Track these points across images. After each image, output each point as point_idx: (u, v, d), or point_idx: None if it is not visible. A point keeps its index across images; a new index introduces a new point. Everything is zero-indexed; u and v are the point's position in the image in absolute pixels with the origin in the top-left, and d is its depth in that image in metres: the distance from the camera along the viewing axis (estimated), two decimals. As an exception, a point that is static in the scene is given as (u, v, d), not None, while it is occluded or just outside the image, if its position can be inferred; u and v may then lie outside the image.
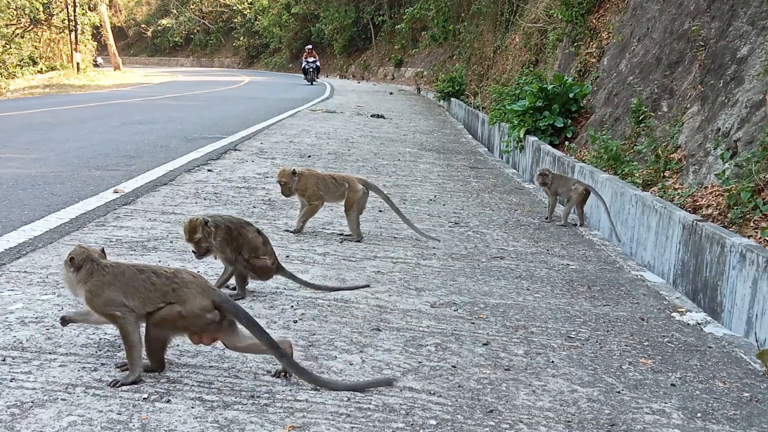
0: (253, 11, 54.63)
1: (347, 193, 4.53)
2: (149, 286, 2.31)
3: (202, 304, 2.30)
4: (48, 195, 5.33)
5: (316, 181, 4.52)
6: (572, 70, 10.17)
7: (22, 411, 2.07)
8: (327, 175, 4.64)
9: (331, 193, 4.55)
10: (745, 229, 4.11)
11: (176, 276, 2.35)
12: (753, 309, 3.22)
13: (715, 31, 6.05)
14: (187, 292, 2.31)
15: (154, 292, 2.31)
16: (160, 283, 2.32)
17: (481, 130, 12.47)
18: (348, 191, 4.52)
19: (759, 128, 4.67)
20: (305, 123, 12.60)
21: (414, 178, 7.28)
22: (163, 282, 2.32)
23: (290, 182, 4.44)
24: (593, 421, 2.26)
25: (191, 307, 2.29)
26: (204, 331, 2.34)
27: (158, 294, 2.31)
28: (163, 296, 2.31)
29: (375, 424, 2.13)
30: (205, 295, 2.32)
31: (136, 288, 2.31)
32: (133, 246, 3.97)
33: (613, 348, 2.93)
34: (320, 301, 3.26)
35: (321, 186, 4.52)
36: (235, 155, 8.04)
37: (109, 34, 42.42)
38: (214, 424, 2.06)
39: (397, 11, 35.38)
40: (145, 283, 2.31)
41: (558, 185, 5.54)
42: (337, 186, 4.54)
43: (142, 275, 2.33)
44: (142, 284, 2.31)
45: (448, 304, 3.35)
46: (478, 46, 19.22)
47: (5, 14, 29.49)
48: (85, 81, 28.52)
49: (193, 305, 2.29)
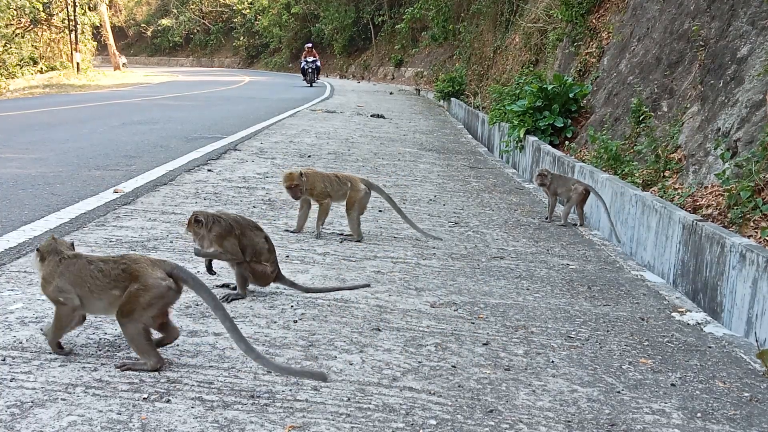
0: (253, 11, 54.62)
1: (349, 193, 4.51)
2: (97, 274, 2.39)
3: (157, 274, 2.38)
4: (48, 195, 5.33)
5: (323, 179, 4.50)
6: (572, 70, 10.17)
7: (22, 411, 2.07)
8: (331, 173, 4.63)
9: (335, 192, 4.53)
10: (745, 229, 4.11)
11: (123, 258, 2.44)
12: (753, 309, 3.22)
13: (715, 31, 6.05)
14: (137, 268, 2.39)
15: (103, 278, 2.38)
16: (108, 269, 2.40)
17: (481, 130, 12.47)
18: (350, 190, 4.51)
19: (759, 128, 4.67)
20: (305, 123, 12.60)
21: (414, 178, 7.28)
22: (111, 267, 2.40)
23: (300, 184, 4.40)
24: (593, 421, 2.26)
25: (147, 279, 2.37)
26: (167, 302, 2.42)
27: (108, 280, 2.38)
28: (114, 280, 2.38)
29: (375, 424, 2.13)
30: (155, 266, 2.41)
31: (83, 278, 2.39)
32: (133, 246, 3.97)
33: (613, 348, 2.93)
34: (320, 301, 3.26)
35: (327, 184, 4.50)
36: (235, 155, 8.04)
37: (109, 34, 42.43)
38: (214, 424, 2.06)
39: (397, 11, 35.38)
40: (92, 273, 2.39)
41: (557, 185, 5.55)
42: (341, 185, 4.53)
43: (91, 265, 2.41)
44: (89, 273, 2.39)
45: (448, 304, 3.35)
46: (478, 46, 19.22)
47: (5, 14, 29.46)
48: (85, 81, 28.53)
49: (148, 278, 2.37)
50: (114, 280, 2.38)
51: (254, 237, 3.24)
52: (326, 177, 4.54)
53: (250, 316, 2.99)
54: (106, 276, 2.38)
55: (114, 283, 2.37)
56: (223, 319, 2.39)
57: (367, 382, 2.42)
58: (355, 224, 4.50)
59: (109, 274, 2.38)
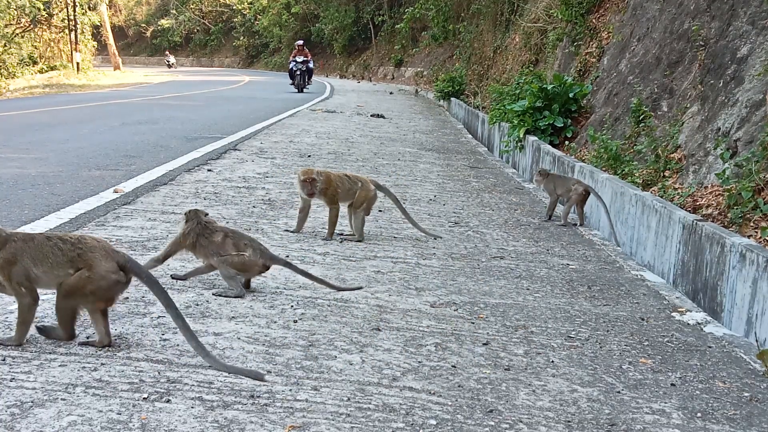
0: (253, 11, 54.64)
1: (359, 192, 4.49)
2: (57, 252, 2.44)
3: (108, 266, 2.45)
4: (48, 195, 5.33)
5: (335, 180, 4.48)
6: (572, 69, 10.17)
7: (22, 411, 2.07)
8: (341, 173, 4.62)
9: (345, 192, 4.51)
10: (745, 229, 4.12)
11: (80, 241, 2.48)
12: (753, 309, 3.22)
13: (715, 31, 6.05)
14: (92, 257, 2.44)
15: (62, 257, 2.44)
16: (66, 249, 2.45)
17: (481, 129, 12.47)
18: (361, 190, 4.49)
19: (759, 128, 4.67)
20: (305, 123, 12.60)
21: (414, 177, 7.28)
22: (69, 248, 2.45)
23: (317, 180, 4.37)
24: (593, 421, 2.26)
25: (98, 270, 2.42)
26: (112, 294, 2.48)
27: (65, 259, 2.44)
28: (70, 262, 2.43)
29: (375, 424, 2.13)
30: (109, 257, 2.47)
31: (45, 254, 2.44)
32: (133, 246, 3.97)
33: (613, 348, 2.93)
34: (320, 300, 3.26)
35: (339, 184, 4.48)
36: (235, 155, 8.04)
37: (109, 34, 42.44)
38: (214, 424, 2.06)
39: (397, 11, 35.39)
40: (53, 249, 2.45)
41: (557, 185, 5.57)
42: (351, 184, 4.51)
43: (50, 242, 2.46)
44: (50, 251, 2.44)
45: (448, 303, 3.35)
46: (478, 45, 19.22)
47: (5, 14, 29.47)
48: (85, 81, 28.53)
49: (99, 268, 2.42)
50: (70, 260, 2.45)
51: (214, 238, 3.27)
52: (338, 177, 4.52)
53: (250, 315, 2.99)
54: (64, 255, 2.45)
55: (70, 264, 2.45)
56: (174, 317, 2.45)
57: (367, 382, 2.42)
58: (360, 224, 4.50)
59: (67, 254, 2.45)
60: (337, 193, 4.46)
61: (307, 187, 4.38)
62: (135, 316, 2.89)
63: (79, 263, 2.44)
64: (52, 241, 2.47)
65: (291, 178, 6.70)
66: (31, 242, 2.46)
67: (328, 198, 4.46)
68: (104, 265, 2.44)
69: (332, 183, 4.44)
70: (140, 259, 3.69)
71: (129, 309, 2.97)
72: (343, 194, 4.51)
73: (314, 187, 4.38)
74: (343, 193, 4.50)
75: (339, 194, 4.46)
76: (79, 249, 2.45)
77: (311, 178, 4.36)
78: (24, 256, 2.44)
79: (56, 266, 2.44)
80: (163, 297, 2.46)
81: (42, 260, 2.44)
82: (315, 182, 4.36)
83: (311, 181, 4.36)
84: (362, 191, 4.49)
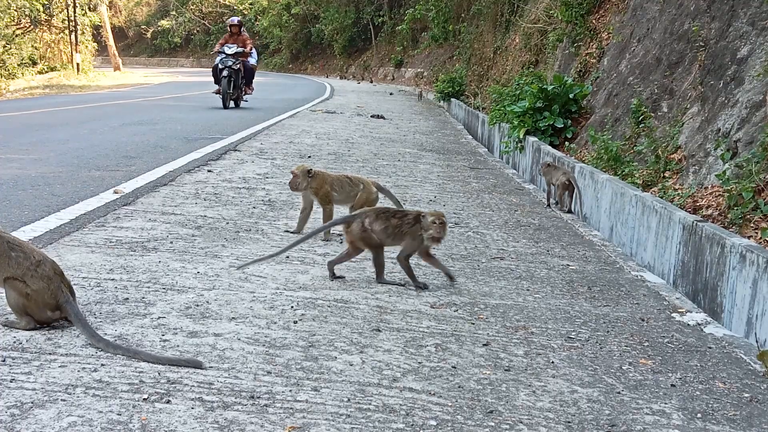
0: (253, 12, 54.64)
1: (361, 194, 4.52)
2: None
3: (48, 302, 2.65)
4: (48, 195, 5.33)
5: (332, 182, 4.50)
6: (572, 70, 10.17)
7: (22, 411, 2.06)
8: (341, 175, 4.65)
9: (345, 194, 4.53)
10: (745, 230, 4.11)
11: (39, 266, 2.66)
12: (753, 309, 3.22)
13: (715, 32, 6.05)
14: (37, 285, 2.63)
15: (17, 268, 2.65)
16: (26, 266, 2.65)
17: (481, 130, 12.47)
18: (362, 192, 4.52)
19: (759, 128, 4.67)
20: (305, 123, 12.61)
21: (414, 178, 7.28)
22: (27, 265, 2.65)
23: (302, 179, 4.41)
24: (593, 422, 2.26)
25: (36, 300, 2.63)
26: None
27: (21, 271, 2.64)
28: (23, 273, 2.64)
29: (375, 425, 2.13)
30: (53, 296, 2.64)
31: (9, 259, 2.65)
32: (133, 246, 3.97)
33: (613, 348, 2.93)
34: (320, 301, 3.26)
35: (336, 186, 4.50)
36: (235, 156, 8.04)
37: (109, 35, 42.43)
38: (214, 424, 2.06)
39: (397, 12, 35.40)
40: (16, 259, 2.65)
41: (552, 176, 6.31)
42: (352, 186, 4.55)
43: (13, 252, 2.66)
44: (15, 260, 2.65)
45: (448, 304, 3.35)
46: (478, 46, 19.22)
47: (5, 15, 29.48)
48: (85, 81, 28.54)
49: (39, 299, 2.63)
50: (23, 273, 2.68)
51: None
52: (336, 179, 4.54)
53: (250, 316, 2.99)
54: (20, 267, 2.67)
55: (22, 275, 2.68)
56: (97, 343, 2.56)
57: (367, 382, 2.42)
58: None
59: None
60: (330, 194, 4.48)
61: (291, 182, 4.46)
62: (135, 317, 2.89)
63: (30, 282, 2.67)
64: (16, 252, 2.67)
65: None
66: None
67: (321, 198, 4.50)
68: (44, 298, 2.68)
69: (325, 184, 4.46)
70: (140, 259, 3.70)
71: (129, 310, 2.97)
72: (343, 196, 4.53)
73: (296, 183, 4.43)
74: (343, 195, 4.53)
75: (334, 195, 4.49)
76: (35, 272, 2.66)
77: (294, 174, 4.43)
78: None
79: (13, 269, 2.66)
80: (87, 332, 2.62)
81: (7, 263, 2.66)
82: (297, 178, 4.41)
83: (294, 176, 4.42)
84: (364, 193, 4.52)
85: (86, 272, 3.44)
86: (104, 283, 3.30)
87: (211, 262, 3.79)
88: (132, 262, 3.68)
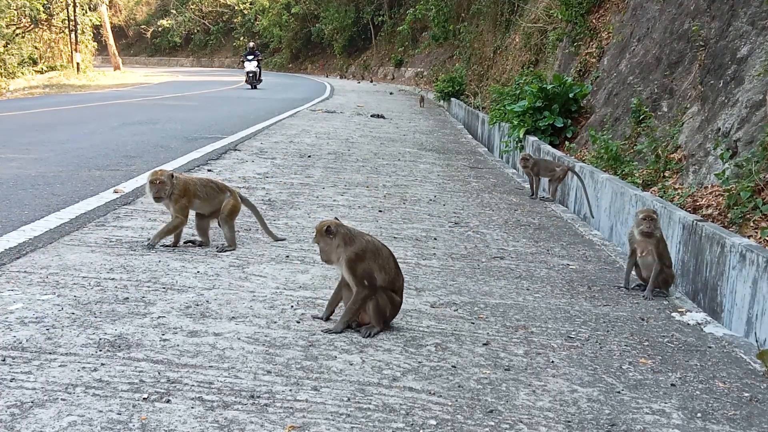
0: (253, 11, 54.64)
1: (231, 202, 4.13)
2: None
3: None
4: (48, 195, 5.33)
5: (194, 186, 4.04)
6: (572, 70, 10.17)
7: (22, 411, 2.07)
8: (207, 179, 4.22)
9: (209, 200, 4.09)
10: (745, 229, 4.11)
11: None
12: (753, 309, 3.22)
13: (715, 31, 6.05)
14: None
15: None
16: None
17: (481, 130, 12.47)
18: (232, 199, 4.15)
19: (759, 128, 4.67)
20: (305, 123, 12.60)
21: (414, 178, 7.28)
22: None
23: (167, 184, 3.89)
24: (593, 421, 2.26)
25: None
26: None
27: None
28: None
29: (375, 424, 2.13)
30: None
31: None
32: (133, 246, 3.97)
33: (613, 348, 2.93)
34: (320, 301, 3.26)
35: (200, 191, 4.04)
36: (235, 155, 8.04)
37: (109, 34, 42.45)
38: (214, 424, 2.06)
39: (397, 11, 35.38)
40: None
41: (540, 168, 6.53)
42: (218, 192, 4.13)
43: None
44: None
45: (448, 304, 3.35)
46: (478, 46, 19.21)
47: (6, 14, 29.47)
48: (85, 81, 28.53)
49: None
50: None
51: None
52: (200, 183, 4.10)
53: (250, 316, 2.99)
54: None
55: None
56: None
57: (367, 382, 2.42)
58: (232, 233, 4.16)
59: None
60: (187, 208, 4.00)
61: (154, 190, 3.88)
62: (135, 317, 2.89)
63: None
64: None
65: (291, 178, 6.70)
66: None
67: (178, 208, 3.95)
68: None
69: (189, 191, 3.98)
70: (140, 259, 3.70)
71: (129, 309, 2.97)
72: (204, 202, 4.08)
73: (163, 191, 3.88)
74: (205, 200, 4.08)
75: (196, 203, 4.04)
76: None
77: (159, 181, 3.86)
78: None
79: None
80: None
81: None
82: (165, 185, 3.87)
83: (159, 183, 3.87)
84: (233, 200, 4.15)
85: (86, 271, 3.44)
86: (104, 282, 3.30)
87: (211, 261, 3.79)
88: (132, 261, 3.68)
